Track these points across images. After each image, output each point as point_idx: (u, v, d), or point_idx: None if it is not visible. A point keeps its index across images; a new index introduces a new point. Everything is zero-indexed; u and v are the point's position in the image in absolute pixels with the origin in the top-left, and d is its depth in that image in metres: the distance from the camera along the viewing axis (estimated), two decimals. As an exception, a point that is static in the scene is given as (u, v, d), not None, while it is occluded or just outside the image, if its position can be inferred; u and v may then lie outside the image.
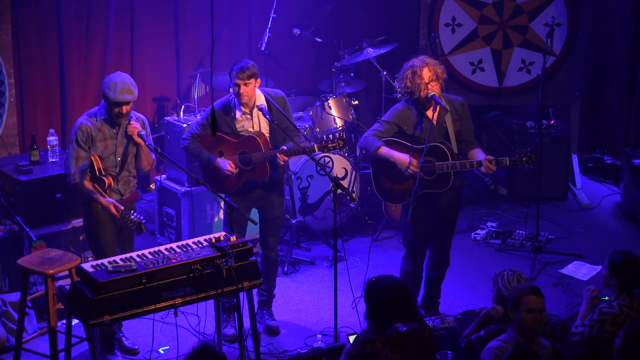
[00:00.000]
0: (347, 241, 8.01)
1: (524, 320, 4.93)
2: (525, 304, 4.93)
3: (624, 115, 9.20)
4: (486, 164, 6.17)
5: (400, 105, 6.36)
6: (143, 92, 8.69)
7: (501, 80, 9.09)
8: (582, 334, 5.38)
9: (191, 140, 6.40)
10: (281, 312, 6.85)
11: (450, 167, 6.20)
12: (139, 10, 8.57)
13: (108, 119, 6.10)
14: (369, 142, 6.28)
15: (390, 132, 6.29)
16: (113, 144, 6.14)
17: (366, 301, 4.84)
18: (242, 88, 6.19)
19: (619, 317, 5.35)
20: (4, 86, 7.59)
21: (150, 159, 6.26)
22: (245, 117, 6.34)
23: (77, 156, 6.07)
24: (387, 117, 6.35)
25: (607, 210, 8.72)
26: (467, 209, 8.63)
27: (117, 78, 6.00)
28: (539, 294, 4.97)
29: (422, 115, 6.26)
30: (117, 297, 5.09)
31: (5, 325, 6.39)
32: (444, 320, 5.92)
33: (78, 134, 6.07)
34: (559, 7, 8.91)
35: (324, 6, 9.07)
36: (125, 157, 6.17)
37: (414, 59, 6.24)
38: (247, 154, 6.31)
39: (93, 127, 6.08)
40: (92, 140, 6.07)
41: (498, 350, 4.90)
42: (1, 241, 6.66)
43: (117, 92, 5.95)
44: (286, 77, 9.21)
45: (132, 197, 6.28)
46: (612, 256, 5.51)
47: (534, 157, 6.21)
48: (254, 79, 6.21)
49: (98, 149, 6.10)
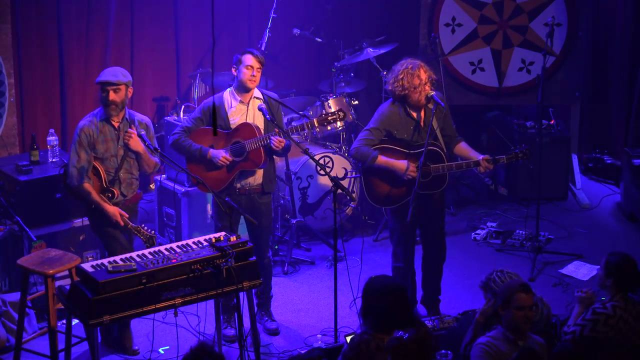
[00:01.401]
0: (347, 241, 8.02)
1: (514, 318, 4.95)
2: (515, 302, 4.95)
3: (624, 115, 9.20)
4: (484, 163, 6.22)
5: (385, 109, 6.34)
6: (143, 92, 8.72)
7: (501, 80, 9.09)
8: (574, 332, 5.37)
9: (181, 133, 6.33)
10: (281, 313, 6.85)
11: (446, 169, 6.23)
12: (139, 10, 8.57)
13: (108, 120, 6.13)
14: (364, 152, 6.27)
15: (379, 138, 6.30)
16: (114, 146, 6.16)
17: (363, 298, 4.84)
18: (255, 72, 6.22)
19: (612, 318, 5.32)
20: (4, 86, 7.59)
21: (151, 163, 6.27)
22: (239, 110, 6.33)
23: (78, 158, 6.10)
24: (374, 124, 6.32)
25: (607, 210, 8.72)
26: (467, 209, 8.63)
27: (110, 67, 6.21)
28: (528, 291, 4.99)
29: (408, 117, 6.27)
30: (117, 297, 5.09)
31: (5, 325, 6.39)
32: (444, 320, 5.92)
33: (80, 136, 6.11)
34: (559, 7, 8.91)
35: (324, 6, 9.07)
36: (126, 159, 6.18)
37: (404, 62, 6.27)
38: (240, 143, 6.26)
39: (95, 129, 6.11)
40: (93, 142, 6.11)
41: (487, 346, 4.93)
42: (1, 241, 6.67)
43: (102, 75, 6.09)
44: (286, 77, 9.22)
45: (135, 199, 6.30)
46: (608, 257, 5.49)
47: (529, 153, 6.35)
48: (262, 68, 6.27)
49: (99, 151, 6.12)
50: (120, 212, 6.09)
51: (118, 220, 6.08)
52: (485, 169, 6.27)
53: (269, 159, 6.33)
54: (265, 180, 6.38)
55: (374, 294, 4.78)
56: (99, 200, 6.11)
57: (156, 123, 8.77)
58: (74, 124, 8.22)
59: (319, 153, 7.87)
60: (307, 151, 6.06)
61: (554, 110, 9.00)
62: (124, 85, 6.09)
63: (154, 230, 5.99)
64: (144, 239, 6.00)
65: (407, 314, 4.79)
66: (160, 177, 7.83)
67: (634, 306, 5.39)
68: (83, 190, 6.11)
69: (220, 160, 6.23)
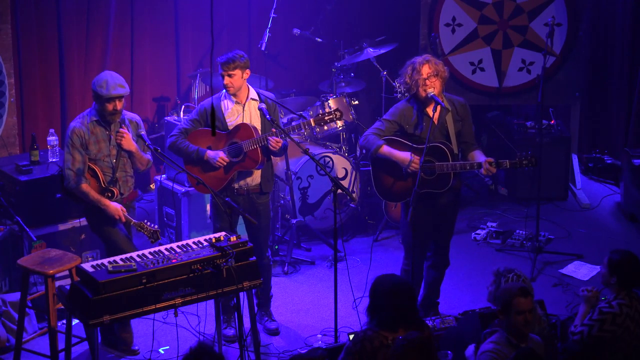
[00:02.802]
0: (347, 241, 8.01)
1: (515, 323, 4.93)
2: (515, 307, 4.93)
3: (624, 115, 9.20)
4: (486, 166, 6.15)
5: (401, 104, 6.35)
6: (143, 92, 8.72)
7: (501, 80, 9.09)
8: (582, 333, 5.38)
9: (179, 135, 6.33)
10: (281, 312, 6.85)
11: (450, 168, 6.19)
12: (139, 10, 8.57)
13: (100, 121, 6.12)
14: (370, 140, 6.26)
15: (391, 131, 6.28)
16: (107, 147, 6.15)
17: (370, 297, 4.83)
18: (225, 79, 6.21)
19: (619, 316, 5.35)
20: (4, 86, 7.59)
21: (144, 160, 6.27)
22: (236, 111, 6.33)
23: (73, 160, 6.09)
24: (388, 116, 6.34)
25: (607, 210, 8.72)
26: (467, 209, 8.63)
27: (107, 76, 6.08)
28: (527, 295, 4.97)
29: (423, 114, 6.25)
30: (117, 297, 5.09)
31: (5, 325, 6.39)
32: (444, 320, 5.92)
33: (73, 138, 6.10)
34: (559, 7, 8.90)
35: (324, 6, 9.07)
36: (120, 158, 6.18)
37: (417, 57, 6.24)
38: (237, 144, 6.26)
39: (86, 130, 6.10)
40: (85, 143, 6.10)
41: (494, 353, 4.90)
42: (1, 241, 6.66)
43: (110, 87, 6.00)
44: (286, 77, 9.22)
45: (132, 196, 6.31)
46: (611, 255, 5.51)
47: (534, 161, 6.16)
48: (240, 70, 6.20)
49: (92, 152, 6.12)
50: (123, 209, 6.10)
51: (121, 217, 6.08)
52: (487, 172, 6.17)
53: (266, 159, 6.33)
54: (263, 180, 6.38)
55: (383, 292, 4.77)
56: (100, 198, 6.11)
57: (156, 123, 8.78)
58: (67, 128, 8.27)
59: (319, 153, 7.87)
60: (307, 151, 6.05)
61: (554, 110, 9.00)
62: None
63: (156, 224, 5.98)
64: (148, 234, 5.98)
65: (414, 314, 4.79)
66: (160, 177, 7.83)
67: (639, 302, 5.41)
68: (81, 191, 6.10)
69: (217, 161, 6.22)
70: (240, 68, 6.19)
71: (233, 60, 6.17)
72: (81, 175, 6.09)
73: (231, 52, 6.24)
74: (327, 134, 8.24)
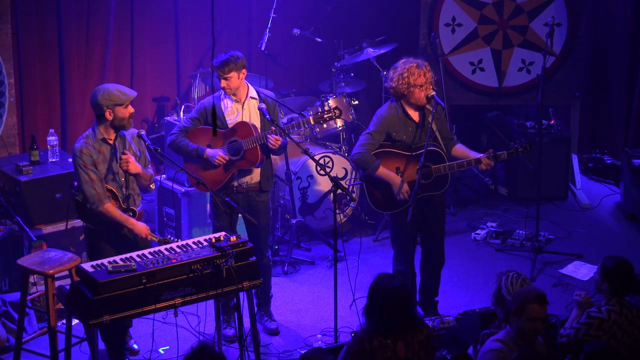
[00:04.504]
0: (347, 241, 8.02)
1: (524, 327, 4.88)
2: (529, 312, 4.86)
3: (624, 115, 9.20)
4: (485, 160, 6.22)
5: (384, 111, 6.34)
6: (143, 92, 8.72)
7: (501, 80, 9.09)
8: (569, 336, 5.35)
9: (178, 134, 6.32)
10: (281, 312, 6.86)
11: (447, 169, 6.22)
12: (139, 10, 8.57)
13: (106, 139, 5.90)
14: (366, 160, 6.23)
15: (380, 141, 6.29)
16: (115, 165, 5.93)
17: (369, 296, 4.83)
18: (222, 82, 6.23)
19: (606, 322, 5.28)
20: (4, 86, 7.59)
21: (147, 176, 6.07)
22: (235, 109, 6.33)
23: (90, 179, 5.83)
24: (374, 127, 6.30)
25: (607, 210, 8.72)
26: (467, 209, 8.63)
27: (113, 86, 5.90)
28: (543, 303, 4.89)
29: (407, 118, 6.27)
30: (117, 297, 5.08)
31: (5, 325, 6.40)
32: (444, 320, 5.93)
33: (83, 158, 5.82)
34: (559, 7, 8.90)
35: (324, 6, 9.07)
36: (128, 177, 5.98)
37: (407, 60, 6.25)
38: (237, 142, 6.26)
39: (93, 150, 5.86)
40: (94, 162, 5.85)
41: (501, 352, 4.87)
42: (1, 241, 6.67)
43: (127, 90, 5.86)
44: (286, 77, 9.22)
45: (140, 215, 6.11)
46: (605, 261, 5.45)
47: (529, 147, 6.35)
48: (235, 72, 6.19)
49: (101, 172, 5.88)
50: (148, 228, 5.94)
51: (147, 236, 5.91)
52: (486, 166, 6.27)
53: (265, 157, 6.34)
54: (262, 178, 6.38)
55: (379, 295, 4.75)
56: (127, 217, 5.89)
57: (156, 123, 8.79)
58: (74, 124, 8.28)
59: (319, 153, 7.87)
60: (307, 151, 6.06)
61: (554, 110, 9.01)
62: None
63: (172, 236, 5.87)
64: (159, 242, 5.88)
65: (408, 320, 4.77)
66: (160, 177, 7.83)
67: (630, 310, 5.36)
68: (107, 210, 5.84)
69: (217, 160, 6.22)
70: (235, 70, 6.19)
71: (227, 63, 6.16)
72: (104, 192, 5.86)
73: (226, 53, 6.22)
74: (327, 134, 8.24)
